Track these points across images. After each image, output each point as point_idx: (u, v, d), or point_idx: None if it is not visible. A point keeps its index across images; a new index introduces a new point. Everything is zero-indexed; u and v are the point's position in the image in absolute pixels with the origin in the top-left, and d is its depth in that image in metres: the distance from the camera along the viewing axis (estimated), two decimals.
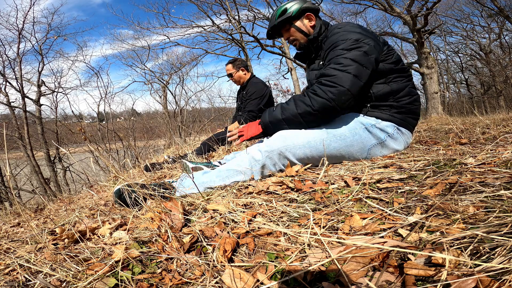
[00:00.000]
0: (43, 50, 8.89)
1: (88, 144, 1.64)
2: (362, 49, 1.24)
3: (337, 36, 1.30)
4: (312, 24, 1.50)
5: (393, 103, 1.34)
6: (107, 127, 7.55)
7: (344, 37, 1.28)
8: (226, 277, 0.55)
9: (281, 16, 1.51)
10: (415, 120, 1.41)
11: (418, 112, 1.40)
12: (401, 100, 1.34)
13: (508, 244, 0.48)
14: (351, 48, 1.25)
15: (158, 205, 0.95)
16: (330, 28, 1.42)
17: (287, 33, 1.56)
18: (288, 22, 1.52)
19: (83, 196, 2.40)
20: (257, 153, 1.27)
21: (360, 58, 1.22)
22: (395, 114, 1.34)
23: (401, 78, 1.36)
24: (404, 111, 1.35)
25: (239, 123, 2.87)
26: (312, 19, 1.50)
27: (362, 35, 1.28)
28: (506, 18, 8.53)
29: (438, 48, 15.87)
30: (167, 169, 2.25)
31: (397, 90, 1.33)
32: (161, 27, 10.84)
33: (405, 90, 1.35)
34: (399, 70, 1.35)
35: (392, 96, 1.33)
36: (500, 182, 0.78)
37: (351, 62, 1.21)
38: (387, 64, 1.33)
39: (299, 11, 1.49)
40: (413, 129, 1.44)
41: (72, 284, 0.62)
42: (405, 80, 1.36)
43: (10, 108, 8.07)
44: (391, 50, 1.37)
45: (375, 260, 0.51)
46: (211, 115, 9.82)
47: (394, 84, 1.33)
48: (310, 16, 1.50)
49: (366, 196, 0.86)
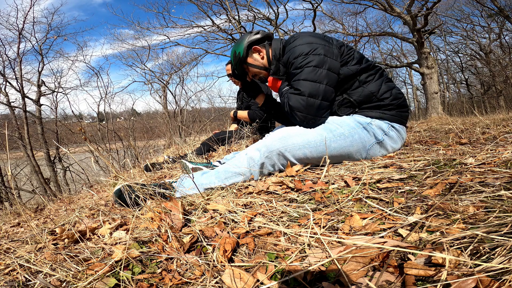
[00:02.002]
0: (43, 50, 8.88)
1: (88, 144, 1.64)
2: (312, 63, 1.28)
3: (290, 54, 1.35)
4: (261, 56, 1.51)
5: (379, 102, 1.34)
6: (107, 127, 7.55)
7: (295, 53, 1.32)
8: (226, 277, 0.55)
9: (235, 60, 1.54)
10: (405, 112, 1.40)
11: (405, 104, 1.40)
12: (385, 98, 1.34)
13: (508, 244, 0.48)
14: (302, 66, 1.30)
15: (158, 205, 0.95)
16: (286, 43, 1.43)
17: (249, 72, 1.59)
18: (242, 63, 1.55)
19: (83, 196, 2.40)
20: (255, 153, 1.26)
21: (311, 76, 1.27)
22: (386, 112, 1.34)
23: (372, 77, 1.35)
24: (393, 107, 1.35)
25: (249, 116, 2.84)
26: (260, 50, 1.51)
27: (312, 45, 1.30)
28: (506, 18, 8.53)
29: (438, 48, 15.89)
30: (167, 169, 2.25)
31: (375, 90, 1.33)
32: (161, 27, 10.83)
33: (382, 87, 1.35)
34: (366, 69, 1.35)
35: (374, 96, 1.34)
36: (500, 182, 0.78)
37: (304, 84, 1.28)
38: (352, 66, 1.33)
39: (244, 49, 1.50)
40: (406, 121, 1.43)
41: (72, 284, 0.62)
42: (377, 77, 1.36)
43: (10, 108, 8.07)
44: (350, 50, 1.37)
45: (375, 260, 0.51)
46: (211, 115, 9.83)
47: (370, 85, 1.34)
48: (256, 49, 1.51)
49: (366, 196, 0.86)
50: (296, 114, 1.30)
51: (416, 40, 7.59)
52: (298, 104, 1.29)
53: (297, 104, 1.29)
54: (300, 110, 1.29)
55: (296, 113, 1.30)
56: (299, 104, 1.28)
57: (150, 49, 11.25)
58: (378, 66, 1.42)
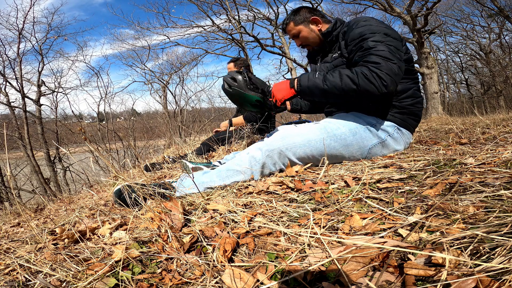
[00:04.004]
0: (43, 50, 8.89)
1: (88, 144, 1.63)
2: (392, 43, 1.23)
3: (365, 29, 1.28)
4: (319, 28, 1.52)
5: (395, 103, 1.33)
6: (107, 127, 7.55)
7: (373, 30, 1.26)
8: (226, 277, 0.55)
9: None
10: (416, 121, 1.41)
11: (419, 114, 1.40)
12: (403, 101, 1.34)
13: (508, 244, 0.48)
14: (382, 42, 1.23)
15: (158, 205, 0.95)
16: (353, 21, 1.38)
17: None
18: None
19: (83, 196, 2.40)
20: (257, 152, 1.26)
21: (395, 52, 1.22)
22: (396, 114, 1.34)
23: (407, 80, 1.35)
24: (406, 112, 1.35)
25: (244, 118, 2.85)
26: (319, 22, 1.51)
27: (389, 30, 1.28)
28: (506, 18, 8.53)
29: (438, 48, 15.88)
30: (167, 169, 2.24)
31: (401, 91, 1.33)
32: (161, 27, 10.84)
33: (409, 92, 1.34)
34: (407, 71, 1.34)
35: (396, 96, 1.33)
36: (500, 182, 0.78)
37: (391, 55, 1.20)
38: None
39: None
40: (413, 130, 1.44)
41: (72, 284, 0.62)
42: (411, 82, 1.36)
43: (10, 108, 8.07)
44: (407, 49, 1.36)
45: (375, 260, 0.51)
46: (211, 115, 9.83)
47: (400, 84, 1.32)
48: (315, 19, 1.52)
49: (366, 196, 0.85)
50: (385, 76, 1.18)
51: (416, 40, 7.58)
52: (391, 69, 1.18)
53: (389, 69, 1.18)
54: (392, 74, 1.18)
55: (386, 75, 1.18)
56: (393, 69, 1.18)
57: (150, 49, 11.27)
58: (417, 75, 1.41)
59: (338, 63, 1.39)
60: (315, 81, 1.28)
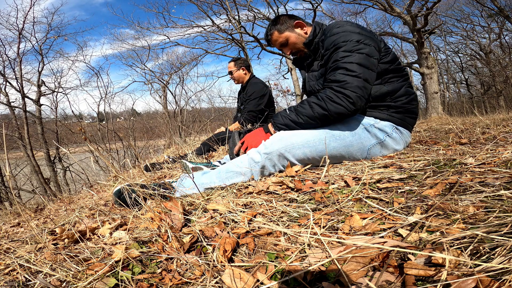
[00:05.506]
0: (43, 50, 8.89)
1: (88, 144, 1.63)
2: (364, 50, 1.23)
3: (337, 37, 1.29)
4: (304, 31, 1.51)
5: (390, 103, 1.33)
6: (107, 127, 7.56)
7: (345, 38, 1.27)
8: (226, 277, 0.55)
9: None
10: (413, 119, 1.41)
11: (416, 111, 1.40)
12: (398, 100, 1.34)
13: (508, 244, 0.48)
14: (353, 50, 1.23)
15: (158, 205, 0.95)
16: (328, 27, 1.39)
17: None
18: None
19: (83, 196, 2.40)
20: (256, 154, 1.27)
21: (365, 62, 1.22)
22: (394, 114, 1.34)
23: (397, 78, 1.35)
24: (402, 110, 1.35)
25: (239, 123, 2.87)
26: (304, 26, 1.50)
27: (362, 36, 1.27)
28: (506, 18, 8.53)
29: (438, 48, 15.89)
30: (167, 169, 2.25)
31: (393, 90, 1.33)
32: (161, 27, 10.82)
33: (401, 90, 1.34)
34: (394, 70, 1.34)
35: (389, 96, 1.33)
36: (500, 182, 0.78)
37: (358, 67, 1.21)
38: (383, 64, 1.32)
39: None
40: (411, 128, 1.44)
41: (72, 284, 0.62)
42: (401, 80, 1.36)
43: (10, 108, 8.07)
44: (387, 49, 1.35)
45: (375, 260, 0.51)
46: (211, 115, 9.83)
47: (390, 85, 1.33)
48: (300, 23, 1.51)
49: (366, 196, 0.85)
50: (350, 93, 1.19)
51: (416, 40, 7.58)
52: (354, 85, 1.19)
53: (353, 85, 1.19)
54: (357, 91, 1.20)
55: (351, 92, 1.19)
56: (357, 84, 1.19)
57: (150, 49, 11.26)
58: (406, 72, 1.41)
59: (324, 71, 1.39)
60: (290, 117, 1.33)
